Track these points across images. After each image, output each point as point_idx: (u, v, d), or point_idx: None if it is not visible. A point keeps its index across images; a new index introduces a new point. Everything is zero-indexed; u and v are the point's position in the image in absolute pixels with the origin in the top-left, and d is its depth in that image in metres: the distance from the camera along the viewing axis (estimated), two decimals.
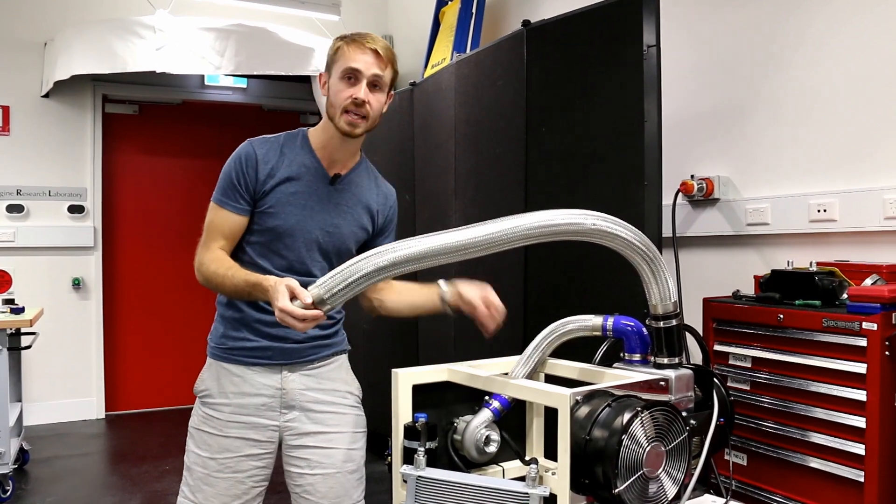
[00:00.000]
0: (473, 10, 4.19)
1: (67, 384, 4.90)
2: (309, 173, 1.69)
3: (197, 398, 1.74)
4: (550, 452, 1.51)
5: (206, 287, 1.65)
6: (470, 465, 1.48)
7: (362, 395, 1.85)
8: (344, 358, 1.83)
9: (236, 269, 1.59)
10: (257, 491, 1.71)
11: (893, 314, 1.88)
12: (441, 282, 1.67)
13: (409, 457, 1.36)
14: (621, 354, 1.47)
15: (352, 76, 1.61)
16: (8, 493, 3.35)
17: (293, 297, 1.35)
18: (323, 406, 1.73)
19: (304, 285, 1.36)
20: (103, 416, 5.02)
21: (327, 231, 1.70)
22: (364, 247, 1.78)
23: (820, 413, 2.01)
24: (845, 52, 2.40)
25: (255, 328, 1.68)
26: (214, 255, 1.64)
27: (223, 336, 1.71)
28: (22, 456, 3.87)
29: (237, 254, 1.69)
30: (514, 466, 1.54)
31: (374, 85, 1.63)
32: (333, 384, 1.76)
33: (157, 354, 5.32)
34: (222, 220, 1.66)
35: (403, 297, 1.77)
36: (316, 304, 1.33)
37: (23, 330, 3.65)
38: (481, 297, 1.59)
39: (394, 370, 1.46)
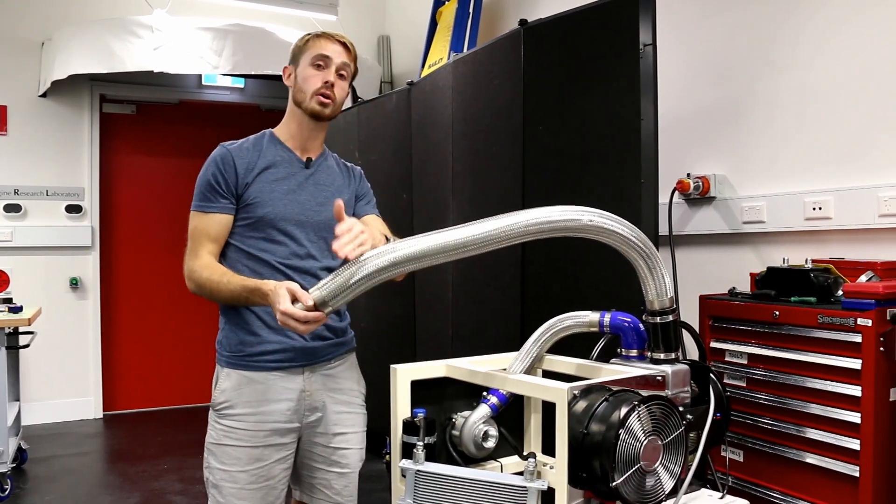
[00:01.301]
0: (470, 10, 4.20)
1: (65, 384, 4.90)
2: (285, 161, 1.75)
3: (211, 412, 1.70)
4: (548, 448, 1.51)
5: (198, 295, 1.65)
6: (468, 461, 1.49)
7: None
8: (353, 356, 1.86)
9: (231, 274, 1.60)
10: (285, 490, 1.75)
11: (888, 310, 1.89)
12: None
13: (407, 452, 1.36)
14: (618, 350, 1.48)
15: (322, 63, 1.71)
16: (6, 493, 3.35)
17: (294, 300, 1.36)
18: (341, 406, 1.77)
19: (307, 273, 1.35)
20: (101, 416, 5.01)
21: (314, 211, 1.74)
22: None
23: (815, 409, 2.02)
24: (841, 52, 2.42)
25: (276, 327, 1.63)
26: (205, 261, 1.64)
27: (240, 343, 1.68)
28: (20, 455, 3.87)
29: (235, 254, 1.69)
30: (511, 462, 1.54)
31: (340, 73, 1.73)
32: (349, 384, 1.80)
33: (155, 354, 5.31)
34: (207, 224, 1.67)
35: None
36: (318, 307, 1.34)
37: (21, 329, 3.65)
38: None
39: (392, 366, 1.47)
